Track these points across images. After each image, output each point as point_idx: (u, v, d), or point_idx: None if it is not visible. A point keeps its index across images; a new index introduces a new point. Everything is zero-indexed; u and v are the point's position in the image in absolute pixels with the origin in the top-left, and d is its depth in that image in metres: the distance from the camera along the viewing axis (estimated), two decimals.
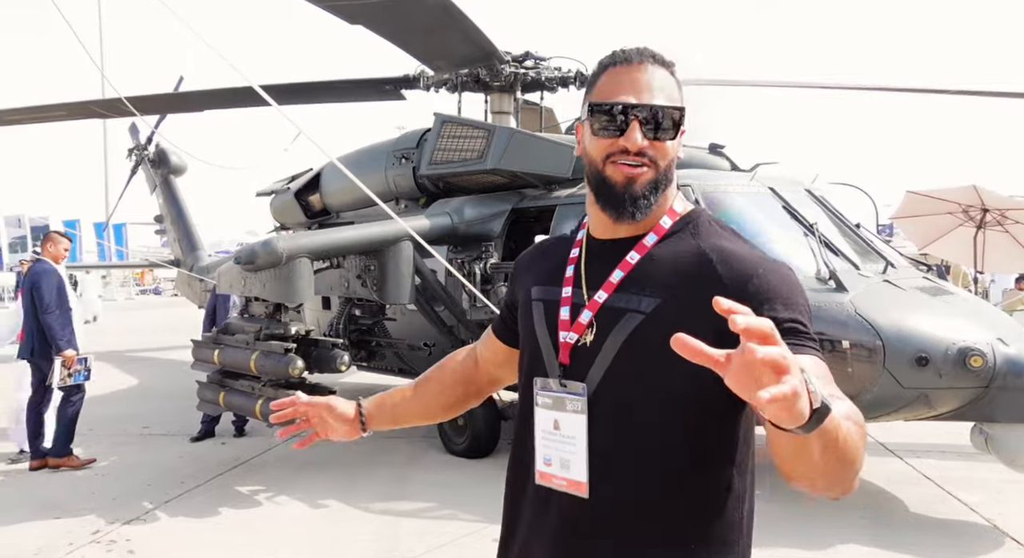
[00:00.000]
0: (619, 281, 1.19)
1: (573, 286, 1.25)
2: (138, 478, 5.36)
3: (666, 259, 1.19)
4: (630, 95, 1.15)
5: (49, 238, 5.87)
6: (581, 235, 1.31)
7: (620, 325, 1.17)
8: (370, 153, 7.06)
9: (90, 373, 5.67)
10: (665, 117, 1.16)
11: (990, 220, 9.89)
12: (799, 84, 7.17)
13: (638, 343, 1.15)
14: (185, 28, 3.61)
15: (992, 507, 4.53)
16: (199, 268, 10.31)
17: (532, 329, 1.30)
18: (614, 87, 1.17)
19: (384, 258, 5.50)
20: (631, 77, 1.17)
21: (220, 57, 3.61)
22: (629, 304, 1.17)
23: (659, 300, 1.15)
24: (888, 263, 4.94)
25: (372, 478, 5.33)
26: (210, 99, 7.81)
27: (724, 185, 5.18)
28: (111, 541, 4.18)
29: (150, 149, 11.10)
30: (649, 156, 1.16)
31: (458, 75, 6.67)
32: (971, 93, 6.53)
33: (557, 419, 1.21)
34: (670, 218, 1.23)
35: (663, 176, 1.18)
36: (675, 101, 1.18)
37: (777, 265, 1.16)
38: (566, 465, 1.20)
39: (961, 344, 4.09)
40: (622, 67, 1.18)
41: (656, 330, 1.11)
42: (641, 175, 1.16)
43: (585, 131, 1.22)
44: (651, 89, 1.16)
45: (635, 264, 1.19)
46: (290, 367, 4.91)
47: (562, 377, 1.22)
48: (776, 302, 1.09)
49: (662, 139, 1.16)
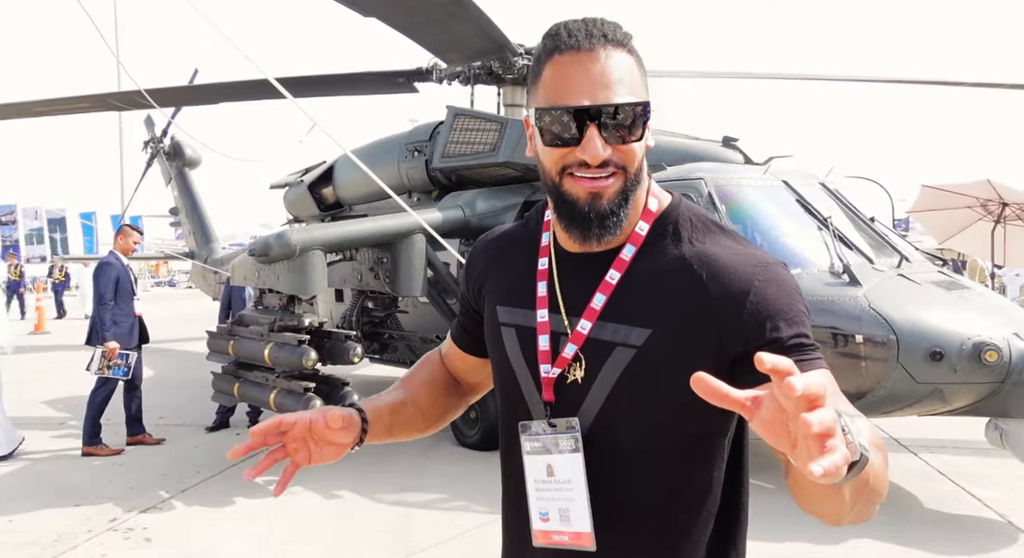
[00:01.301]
0: (601, 307, 1.04)
1: (550, 310, 1.08)
2: (154, 467, 5.43)
3: (649, 276, 1.03)
4: (584, 95, 0.95)
5: (121, 231, 6.18)
6: (547, 240, 1.13)
7: (611, 361, 1.02)
8: (383, 146, 7.07)
9: (130, 370, 5.79)
10: (629, 117, 0.96)
11: (1009, 214, 9.80)
12: (814, 77, 7.12)
13: (633, 379, 1.01)
14: (203, 21, 3.64)
15: (1007, 503, 4.50)
16: (213, 260, 10.39)
17: (506, 359, 1.13)
18: (563, 85, 0.96)
19: (397, 251, 5.52)
20: (583, 69, 0.96)
21: (237, 49, 3.63)
22: (617, 336, 1.02)
23: (649, 330, 1.00)
24: (903, 257, 4.91)
25: (386, 469, 5.37)
26: (225, 91, 7.86)
27: (737, 178, 5.16)
28: (128, 529, 4.24)
29: (165, 141, 11.19)
30: (614, 163, 0.98)
31: (471, 68, 6.66)
32: (988, 85, 6.46)
33: (550, 464, 1.06)
34: (646, 222, 1.05)
35: (633, 181, 1.00)
36: (637, 92, 0.97)
37: (772, 270, 1.01)
38: (566, 517, 1.05)
39: (976, 339, 4.06)
40: (570, 56, 0.96)
41: (650, 365, 1.01)
42: (607, 188, 0.98)
43: (535, 136, 1.02)
44: (609, 83, 0.95)
45: (616, 284, 1.04)
46: (303, 359, 4.95)
47: (549, 417, 1.07)
48: (778, 319, 0.97)
49: (628, 142, 0.97)
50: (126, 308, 5.88)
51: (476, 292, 1.23)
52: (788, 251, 4.74)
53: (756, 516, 4.51)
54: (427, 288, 5.66)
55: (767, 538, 3.93)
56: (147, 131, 11.50)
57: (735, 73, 6.86)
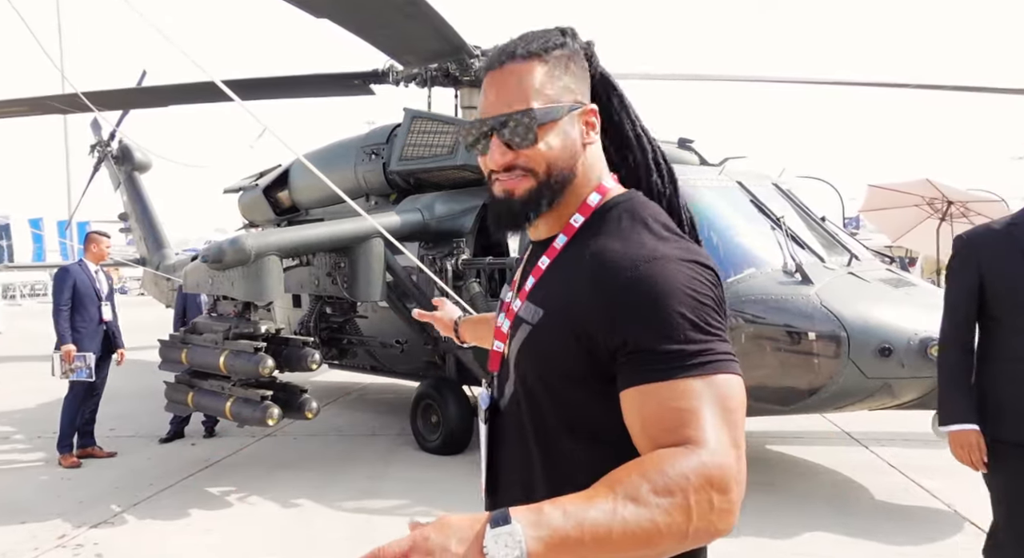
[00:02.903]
0: (531, 288, 1.13)
1: (513, 291, 1.23)
2: (105, 481, 5.27)
3: (566, 264, 1.09)
4: (486, 109, 1.08)
5: (89, 239, 6.18)
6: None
7: (517, 336, 1.11)
8: (339, 149, 6.99)
9: (92, 372, 5.72)
10: (518, 124, 1.05)
11: (955, 212, 10.14)
12: (764, 79, 7.26)
13: (526, 355, 1.09)
14: (143, 22, 3.54)
15: (952, 493, 4.65)
16: (166, 266, 10.14)
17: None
18: (482, 101, 1.11)
19: (355, 255, 5.46)
20: (491, 86, 1.09)
21: (180, 52, 3.54)
22: (526, 314, 1.10)
23: (543, 311, 1.07)
24: (852, 255, 5.04)
25: (346, 477, 5.30)
26: (174, 94, 7.68)
27: (693, 179, 5.23)
28: (78, 545, 4.11)
29: (113, 145, 10.87)
30: (521, 166, 1.08)
31: (427, 70, 6.63)
32: (930, 87, 6.68)
33: (481, 429, 1.22)
34: (582, 215, 1.11)
35: (547, 181, 1.08)
36: (530, 99, 1.05)
37: (653, 267, 0.97)
38: (482, 474, 1.22)
39: (923, 334, 4.19)
40: (488, 75, 1.10)
41: (537, 342, 1.07)
42: (517, 187, 1.08)
43: None
44: (505, 97, 1.06)
45: (544, 270, 1.12)
46: (260, 366, 4.86)
47: (490, 385, 1.22)
48: (637, 316, 0.95)
49: (524, 147, 1.06)
50: (86, 314, 5.82)
51: None
52: (743, 251, 4.82)
53: None
54: (386, 292, 5.61)
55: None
56: (94, 134, 11.16)
57: (685, 75, 6.97)
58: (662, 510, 0.81)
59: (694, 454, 0.85)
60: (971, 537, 3.97)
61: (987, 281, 2.32)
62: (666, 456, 0.86)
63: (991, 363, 2.36)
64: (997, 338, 2.34)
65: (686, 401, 0.90)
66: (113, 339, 6.06)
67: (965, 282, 2.37)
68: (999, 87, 6.92)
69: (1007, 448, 2.30)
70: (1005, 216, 2.47)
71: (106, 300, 6.03)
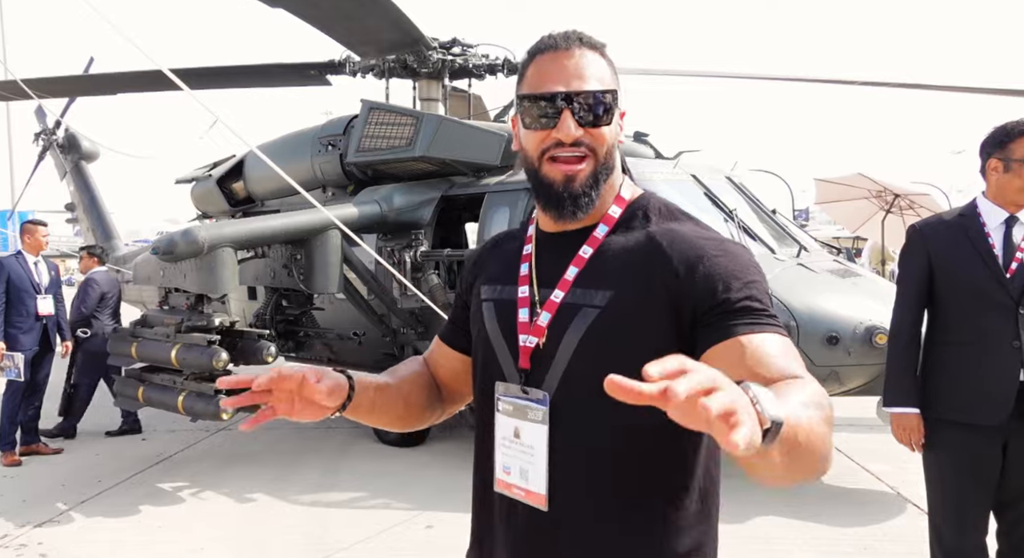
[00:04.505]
0: (574, 278, 1.14)
1: (529, 285, 1.19)
2: (51, 478, 5.12)
3: (618, 249, 1.14)
4: (559, 83, 1.10)
5: (25, 229, 5.98)
6: (531, 230, 1.25)
7: (575, 323, 1.11)
8: (295, 140, 6.88)
9: (21, 371, 5.53)
10: (598, 102, 1.10)
11: (904, 205, 10.48)
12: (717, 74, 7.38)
13: (595, 339, 1.10)
14: (87, 5, 3.42)
15: (897, 476, 4.83)
16: (115, 258, 9.85)
17: (485, 332, 1.23)
18: (543, 76, 1.11)
19: (311, 247, 5.39)
20: (559, 64, 1.11)
21: (125, 38, 3.44)
22: (583, 299, 1.12)
23: (612, 291, 1.10)
24: (801, 247, 5.18)
25: (301, 470, 5.26)
26: (121, 82, 7.46)
27: (648, 173, 5.30)
28: (21, 545, 3.99)
29: (59, 133, 10.51)
30: (586, 145, 1.11)
31: (385, 61, 6.56)
32: (876, 84, 6.87)
33: (518, 428, 1.15)
34: (619, 207, 1.17)
35: (603, 166, 1.13)
36: (607, 84, 1.12)
37: (728, 245, 1.11)
38: (525, 475, 1.14)
39: (868, 323, 4.33)
40: (549, 54, 1.12)
41: (612, 323, 1.09)
42: (580, 172, 1.11)
43: (519, 125, 1.16)
44: (581, 75, 1.10)
45: (588, 259, 1.14)
46: (214, 360, 4.77)
47: (524, 384, 1.15)
48: (730, 281, 1.05)
49: (598, 125, 1.11)
50: (22, 309, 5.63)
51: (469, 286, 1.33)
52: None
53: None
54: (343, 284, 5.56)
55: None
56: (38, 122, 10.77)
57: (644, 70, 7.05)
58: (827, 418, 0.91)
59: (817, 384, 0.96)
60: (913, 517, 4.13)
61: (936, 269, 2.43)
62: (805, 382, 0.95)
63: (936, 346, 2.47)
64: (943, 322, 2.45)
65: (785, 348, 1.02)
66: (52, 334, 5.85)
67: (916, 270, 2.48)
68: (945, 85, 7.15)
69: (946, 426, 2.41)
70: (956, 208, 2.59)
71: (46, 293, 5.83)
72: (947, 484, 2.42)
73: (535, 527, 1.14)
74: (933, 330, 2.49)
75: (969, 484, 2.38)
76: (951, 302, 2.42)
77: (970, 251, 2.37)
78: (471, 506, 1.28)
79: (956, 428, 2.38)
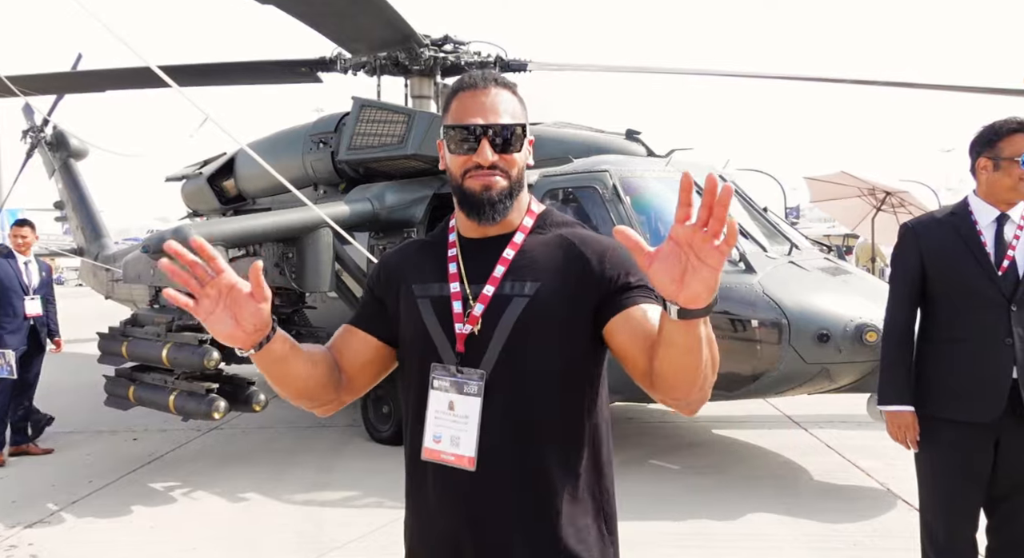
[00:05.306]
0: (502, 275, 1.36)
1: (460, 282, 1.38)
2: (42, 478, 5.09)
3: (537, 250, 1.38)
4: (478, 116, 1.32)
5: (11, 231, 5.99)
6: (453, 237, 1.45)
7: (509, 310, 1.33)
8: (286, 138, 6.86)
9: (11, 370, 5.48)
10: (510, 133, 1.33)
11: (896, 202, 10.54)
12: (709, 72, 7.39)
13: (527, 323, 1.32)
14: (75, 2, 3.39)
15: (887, 472, 4.86)
16: (104, 257, 9.80)
17: (422, 324, 1.39)
18: (465, 110, 1.33)
19: (302, 245, 5.38)
20: (478, 101, 1.33)
21: (114, 35, 3.41)
22: (513, 291, 1.34)
23: (539, 283, 1.34)
24: (793, 245, 5.20)
25: (295, 469, 5.24)
26: (110, 79, 7.40)
27: (641, 171, 5.31)
28: (11, 546, 3.97)
29: (47, 131, 10.42)
30: (500, 168, 1.33)
31: (376, 58, 6.54)
32: (868, 83, 6.90)
33: (452, 401, 1.33)
34: (530, 218, 1.42)
35: (515, 183, 1.36)
36: (518, 118, 1.35)
37: (616, 242, 1.32)
38: (456, 442, 1.32)
39: (858, 320, 4.36)
40: (470, 92, 1.34)
41: (541, 308, 1.32)
42: (495, 184, 1.33)
43: (444, 149, 1.37)
44: (496, 110, 1.33)
45: (512, 259, 1.37)
46: (205, 359, 4.76)
47: (459, 364, 1.34)
48: (630, 268, 1.34)
49: (509, 152, 1.33)
50: (10, 309, 5.62)
51: (386, 284, 1.48)
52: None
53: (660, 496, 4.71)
54: (335, 282, 5.55)
55: (669, 517, 4.09)
56: (26, 119, 10.67)
57: (638, 68, 7.07)
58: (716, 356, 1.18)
59: None
60: (903, 513, 4.16)
61: (929, 267, 2.44)
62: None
63: (929, 343, 2.48)
64: (936, 320, 2.47)
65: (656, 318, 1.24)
66: (40, 334, 5.82)
67: (908, 268, 2.49)
68: (934, 83, 7.20)
69: (939, 424, 2.42)
70: (947, 206, 2.60)
71: (35, 293, 5.80)
72: (939, 481, 2.44)
73: (464, 486, 1.31)
74: (926, 328, 2.51)
75: (961, 481, 2.40)
76: (944, 300, 2.44)
77: (962, 249, 2.39)
78: (404, 487, 1.43)
79: (949, 425, 2.40)
